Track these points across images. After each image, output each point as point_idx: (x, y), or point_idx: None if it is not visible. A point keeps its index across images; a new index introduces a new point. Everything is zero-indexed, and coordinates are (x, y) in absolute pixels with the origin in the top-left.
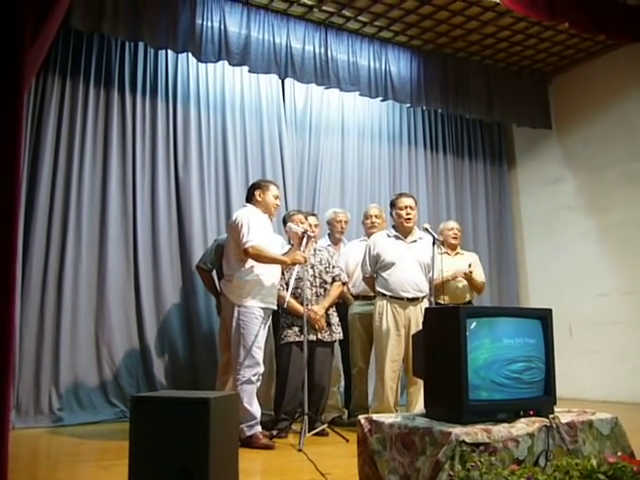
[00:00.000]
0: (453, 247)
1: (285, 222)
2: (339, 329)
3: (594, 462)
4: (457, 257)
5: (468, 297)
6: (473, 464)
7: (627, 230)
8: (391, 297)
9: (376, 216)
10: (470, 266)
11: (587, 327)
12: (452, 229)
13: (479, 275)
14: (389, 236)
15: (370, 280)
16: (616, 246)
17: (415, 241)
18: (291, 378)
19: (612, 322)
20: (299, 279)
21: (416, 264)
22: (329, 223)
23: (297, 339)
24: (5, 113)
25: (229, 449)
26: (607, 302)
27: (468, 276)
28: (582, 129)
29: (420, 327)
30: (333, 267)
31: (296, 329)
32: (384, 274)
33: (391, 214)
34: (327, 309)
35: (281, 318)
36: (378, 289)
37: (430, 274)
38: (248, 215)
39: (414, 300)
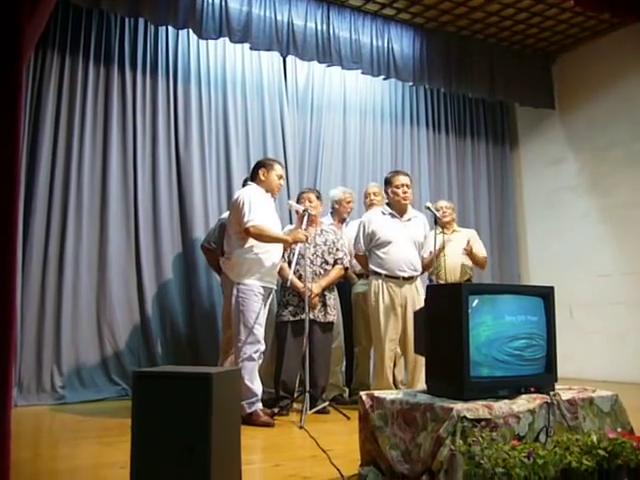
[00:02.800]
0: (447, 226)
1: (298, 201)
2: (334, 311)
3: (594, 438)
4: (454, 235)
5: (468, 273)
6: (474, 439)
7: (629, 211)
8: (386, 276)
9: (374, 194)
10: (469, 242)
11: (588, 307)
12: (441, 208)
13: (479, 250)
14: (384, 214)
15: (363, 258)
16: (618, 227)
17: (410, 219)
18: (286, 356)
19: (613, 302)
20: (301, 256)
21: (411, 243)
22: (338, 202)
23: (292, 318)
24: (4, 82)
25: (231, 425)
26: (608, 283)
27: (468, 251)
28: (586, 109)
29: (416, 306)
30: (337, 250)
31: (290, 308)
32: (379, 252)
33: (386, 192)
34: (324, 289)
35: (279, 295)
36: (373, 268)
37: (428, 252)
38: (250, 194)
39: (409, 279)
